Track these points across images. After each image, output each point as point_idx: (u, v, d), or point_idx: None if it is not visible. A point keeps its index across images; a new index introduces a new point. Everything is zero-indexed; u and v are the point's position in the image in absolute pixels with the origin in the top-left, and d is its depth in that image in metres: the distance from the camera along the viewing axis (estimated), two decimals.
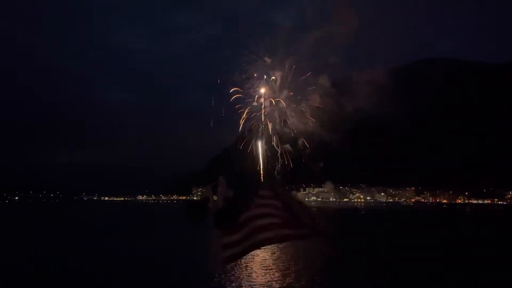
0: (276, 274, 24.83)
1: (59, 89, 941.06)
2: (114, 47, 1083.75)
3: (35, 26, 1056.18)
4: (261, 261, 29.92)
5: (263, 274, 25.07)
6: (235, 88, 71.64)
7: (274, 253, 33.84)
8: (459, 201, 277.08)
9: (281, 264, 29.14)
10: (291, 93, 72.54)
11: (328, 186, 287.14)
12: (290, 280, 23.17)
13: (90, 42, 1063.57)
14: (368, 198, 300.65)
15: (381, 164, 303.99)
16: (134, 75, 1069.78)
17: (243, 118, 73.22)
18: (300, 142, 72.84)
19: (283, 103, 72.68)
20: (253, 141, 72.39)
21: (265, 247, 5.64)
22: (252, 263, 29.16)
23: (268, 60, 69.24)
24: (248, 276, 24.53)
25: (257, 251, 32.33)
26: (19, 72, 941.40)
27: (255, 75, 71.06)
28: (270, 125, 71.21)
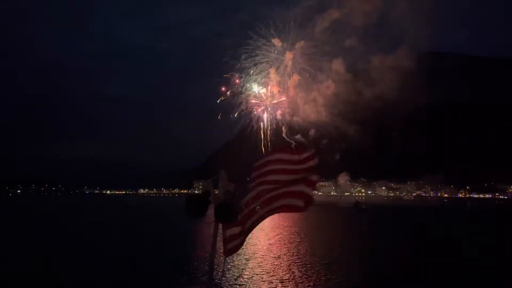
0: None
1: (59, 84, 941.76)
2: (114, 41, 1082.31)
3: (34, 19, 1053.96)
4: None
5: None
6: (240, 75, 69.49)
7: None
8: (461, 195, 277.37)
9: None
10: (303, 79, 69.76)
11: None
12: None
13: (91, 36, 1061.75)
14: (369, 192, 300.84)
15: (383, 158, 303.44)
16: (134, 69, 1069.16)
17: (250, 108, 71.42)
18: (312, 132, 70.83)
19: (293, 91, 70.50)
20: (260, 132, 70.78)
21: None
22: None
23: (278, 43, 66.45)
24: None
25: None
26: (19, 66, 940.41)
27: (263, 60, 68.58)
28: (279, 115, 69.14)
